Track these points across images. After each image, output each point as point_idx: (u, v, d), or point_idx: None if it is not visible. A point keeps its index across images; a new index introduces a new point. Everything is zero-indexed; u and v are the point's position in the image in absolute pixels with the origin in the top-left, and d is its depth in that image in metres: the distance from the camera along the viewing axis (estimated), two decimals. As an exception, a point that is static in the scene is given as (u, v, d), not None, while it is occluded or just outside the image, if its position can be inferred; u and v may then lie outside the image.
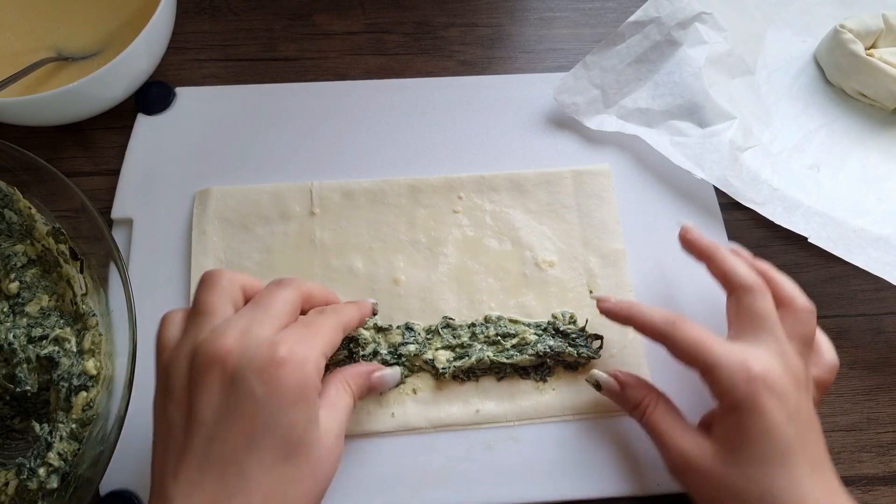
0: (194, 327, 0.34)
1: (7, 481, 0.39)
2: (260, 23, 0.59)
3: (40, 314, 0.43)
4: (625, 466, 0.43)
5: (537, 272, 0.48)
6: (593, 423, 0.44)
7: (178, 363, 0.33)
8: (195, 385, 0.32)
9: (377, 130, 0.53)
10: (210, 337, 0.33)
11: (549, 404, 0.44)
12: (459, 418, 0.43)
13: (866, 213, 0.49)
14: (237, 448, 0.31)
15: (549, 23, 0.60)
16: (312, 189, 0.50)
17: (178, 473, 0.31)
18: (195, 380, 0.32)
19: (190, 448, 0.31)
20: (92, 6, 0.55)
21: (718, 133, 0.50)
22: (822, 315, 0.41)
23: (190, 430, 0.32)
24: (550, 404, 0.44)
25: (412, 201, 0.50)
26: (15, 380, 0.41)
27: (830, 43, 0.55)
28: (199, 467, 0.31)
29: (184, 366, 0.33)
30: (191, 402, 0.32)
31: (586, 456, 0.43)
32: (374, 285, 0.47)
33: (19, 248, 0.44)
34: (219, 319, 0.34)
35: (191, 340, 0.33)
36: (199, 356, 0.32)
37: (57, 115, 0.50)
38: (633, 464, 0.43)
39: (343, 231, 0.49)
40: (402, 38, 0.59)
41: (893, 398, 0.47)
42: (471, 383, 0.44)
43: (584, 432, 0.44)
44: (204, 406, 0.32)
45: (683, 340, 0.37)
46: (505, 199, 0.50)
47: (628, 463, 0.43)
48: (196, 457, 0.31)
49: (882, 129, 0.54)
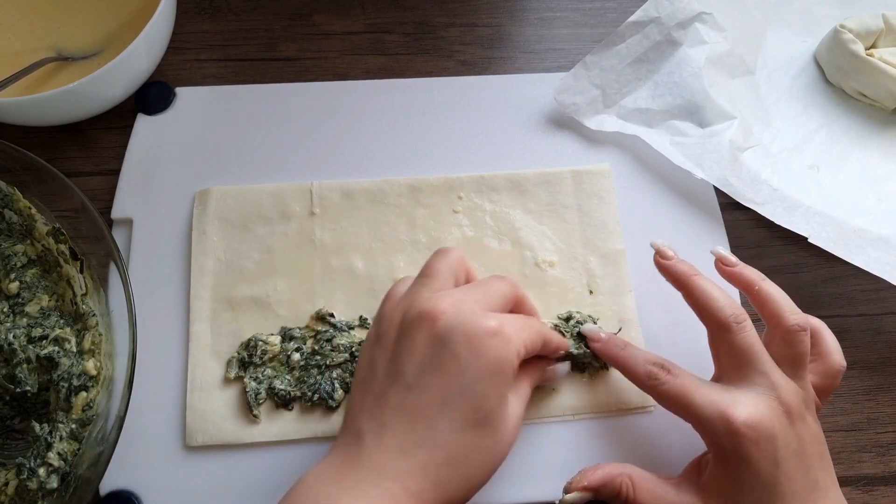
0: (417, 286, 0.37)
1: (7, 481, 0.39)
2: (260, 23, 0.59)
3: (40, 314, 0.43)
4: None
5: (537, 272, 0.48)
6: (591, 422, 0.44)
7: (394, 313, 0.36)
8: (404, 336, 0.35)
9: (377, 130, 0.53)
10: (428, 296, 0.35)
11: (551, 405, 0.44)
12: None
13: (866, 213, 0.49)
14: (431, 403, 0.33)
15: (549, 23, 0.60)
16: (312, 189, 0.50)
17: (373, 412, 0.34)
18: (405, 332, 0.35)
19: (387, 393, 0.34)
20: (92, 6, 0.55)
21: (718, 133, 0.50)
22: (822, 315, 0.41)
23: (391, 376, 0.34)
24: (553, 405, 0.44)
25: (412, 201, 0.50)
26: (15, 380, 0.41)
27: (830, 43, 0.55)
28: (394, 412, 0.33)
29: (398, 317, 0.36)
30: (396, 350, 0.35)
31: (585, 455, 0.43)
32: (374, 285, 0.47)
33: (19, 248, 0.44)
34: (439, 285, 0.36)
35: (410, 296, 0.36)
36: (414, 310, 0.35)
37: (57, 115, 0.50)
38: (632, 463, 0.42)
39: (343, 231, 0.49)
40: (402, 38, 0.59)
41: (893, 398, 0.47)
42: None
43: (581, 432, 0.44)
44: (408, 357, 0.34)
45: (665, 393, 0.37)
46: (505, 199, 0.50)
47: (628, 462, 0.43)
48: (391, 402, 0.33)
49: (882, 129, 0.54)
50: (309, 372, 0.44)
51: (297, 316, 0.46)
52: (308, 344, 0.45)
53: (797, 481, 0.34)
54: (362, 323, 0.46)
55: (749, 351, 0.37)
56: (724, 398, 0.35)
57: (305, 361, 0.44)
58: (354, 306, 0.46)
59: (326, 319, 0.45)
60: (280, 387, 0.43)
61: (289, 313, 0.46)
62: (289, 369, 0.44)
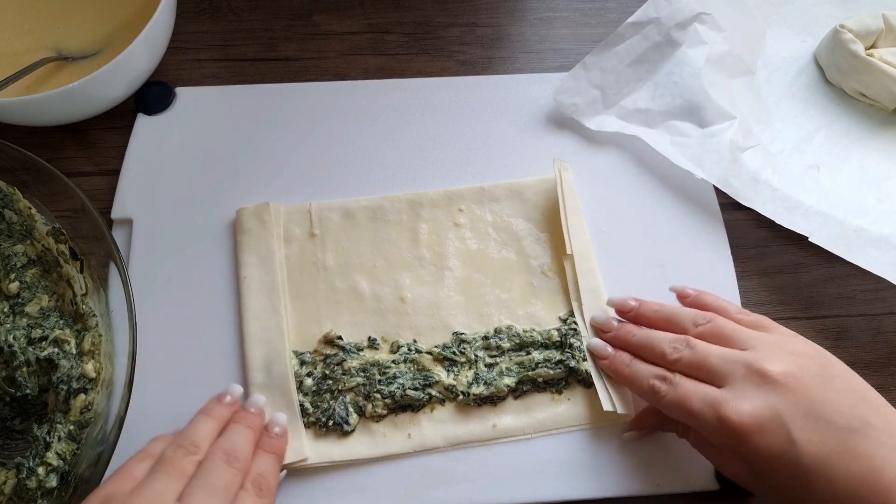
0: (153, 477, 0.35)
1: (6, 479, 0.39)
2: (260, 23, 0.59)
3: (40, 314, 0.43)
4: (625, 467, 0.43)
5: (544, 281, 0.48)
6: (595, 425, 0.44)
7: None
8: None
9: (377, 130, 0.53)
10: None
11: (565, 415, 0.43)
12: (477, 435, 0.43)
13: (866, 212, 0.49)
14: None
15: (549, 23, 0.60)
16: (311, 210, 0.49)
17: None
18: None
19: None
20: (92, 6, 0.55)
21: (718, 133, 0.50)
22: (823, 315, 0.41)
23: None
24: (567, 415, 0.43)
25: (413, 216, 0.49)
26: (15, 383, 0.41)
27: (830, 43, 0.55)
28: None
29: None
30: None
31: (586, 456, 0.43)
32: (380, 305, 0.47)
33: (19, 248, 0.44)
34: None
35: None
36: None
37: (57, 115, 0.50)
38: (633, 464, 0.43)
39: (345, 251, 0.48)
40: (402, 38, 0.59)
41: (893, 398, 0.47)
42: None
43: (584, 434, 0.44)
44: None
45: (667, 405, 0.38)
46: (506, 208, 0.50)
47: (628, 463, 0.43)
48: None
49: (882, 129, 0.54)
50: (322, 396, 0.44)
51: (304, 340, 0.46)
52: (318, 368, 0.45)
53: (825, 442, 0.34)
54: (371, 344, 0.45)
55: (687, 397, 0.37)
56: (717, 397, 0.36)
57: (317, 386, 0.44)
58: (362, 327, 0.46)
59: (335, 342, 0.45)
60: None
61: (296, 337, 0.46)
62: (302, 395, 0.44)
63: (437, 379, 0.44)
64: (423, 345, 0.45)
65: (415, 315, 0.46)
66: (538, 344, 0.45)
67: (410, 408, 0.44)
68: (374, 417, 0.43)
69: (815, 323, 0.49)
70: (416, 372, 0.44)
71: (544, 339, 0.45)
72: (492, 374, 0.44)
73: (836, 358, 0.38)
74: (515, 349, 0.45)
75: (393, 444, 0.43)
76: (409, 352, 0.45)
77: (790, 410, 0.34)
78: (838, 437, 0.34)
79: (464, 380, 0.44)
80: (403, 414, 0.44)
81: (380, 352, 0.45)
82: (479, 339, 0.45)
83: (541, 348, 0.45)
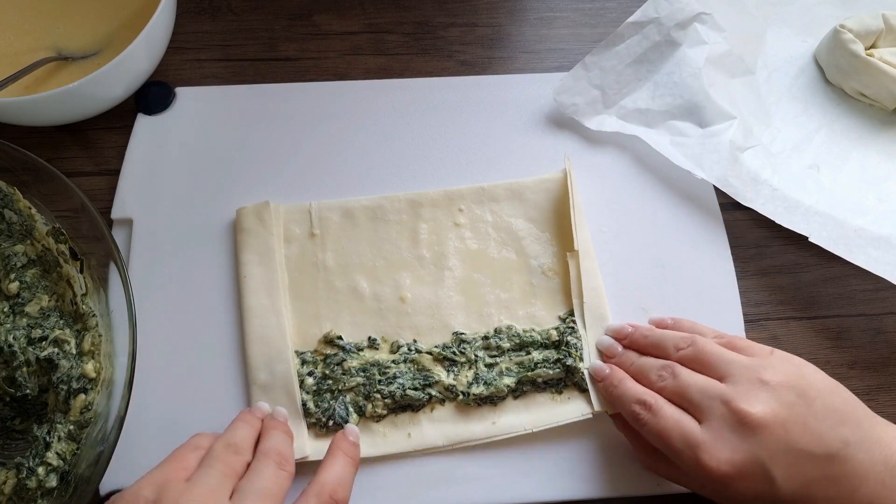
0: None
1: (6, 479, 0.39)
2: (260, 23, 0.59)
3: (40, 314, 0.43)
4: (625, 467, 0.43)
5: (544, 281, 0.48)
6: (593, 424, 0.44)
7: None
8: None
9: (377, 130, 0.53)
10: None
11: (566, 414, 0.43)
12: (477, 434, 0.43)
13: (866, 212, 0.49)
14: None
15: (549, 23, 0.60)
16: (311, 210, 0.49)
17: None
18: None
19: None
20: (92, 6, 0.55)
21: (718, 133, 0.50)
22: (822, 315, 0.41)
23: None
24: (568, 412, 0.43)
25: (413, 216, 0.49)
26: (15, 383, 0.41)
27: (830, 43, 0.55)
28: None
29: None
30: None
31: (586, 457, 0.43)
32: (380, 305, 0.47)
33: (19, 248, 0.44)
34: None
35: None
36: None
37: (57, 115, 0.50)
38: (633, 464, 0.43)
39: (345, 251, 0.48)
40: (402, 38, 0.59)
41: (893, 398, 0.47)
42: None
43: (584, 434, 0.44)
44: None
45: (648, 433, 0.38)
46: (505, 208, 0.50)
47: (628, 463, 0.43)
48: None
49: (882, 129, 0.54)
50: (322, 396, 0.44)
51: (304, 340, 0.46)
52: (319, 368, 0.45)
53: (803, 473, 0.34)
54: (371, 344, 0.46)
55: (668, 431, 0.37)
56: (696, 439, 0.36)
57: (318, 386, 0.44)
58: (361, 327, 0.46)
59: (335, 342, 0.45)
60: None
61: (296, 337, 0.46)
62: (304, 393, 0.44)
63: (437, 379, 0.44)
64: (423, 345, 0.45)
65: (415, 315, 0.46)
66: (538, 344, 0.45)
67: (410, 408, 0.44)
68: (374, 417, 0.43)
69: (815, 323, 0.49)
70: (416, 372, 0.44)
71: (544, 339, 0.45)
72: (492, 374, 0.44)
73: (813, 371, 0.38)
74: (515, 349, 0.45)
75: (393, 443, 0.43)
76: (409, 352, 0.45)
77: (769, 451, 0.34)
78: (817, 466, 0.34)
79: (464, 380, 0.44)
80: (403, 414, 0.44)
81: (380, 352, 0.45)
82: (479, 339, 0.45)
83: (540, 348, 0.45)
